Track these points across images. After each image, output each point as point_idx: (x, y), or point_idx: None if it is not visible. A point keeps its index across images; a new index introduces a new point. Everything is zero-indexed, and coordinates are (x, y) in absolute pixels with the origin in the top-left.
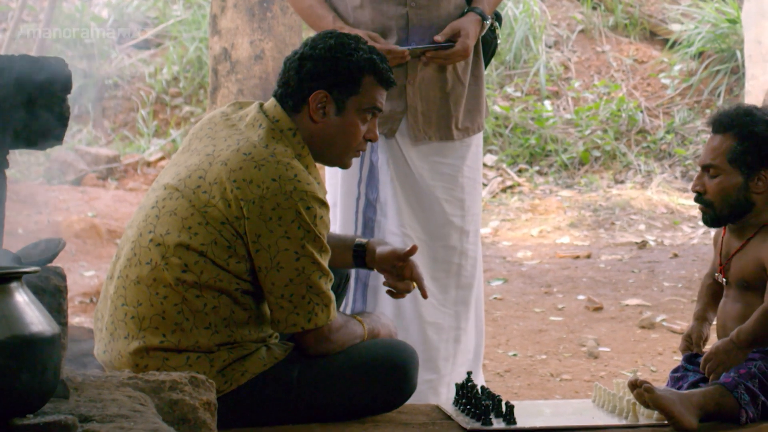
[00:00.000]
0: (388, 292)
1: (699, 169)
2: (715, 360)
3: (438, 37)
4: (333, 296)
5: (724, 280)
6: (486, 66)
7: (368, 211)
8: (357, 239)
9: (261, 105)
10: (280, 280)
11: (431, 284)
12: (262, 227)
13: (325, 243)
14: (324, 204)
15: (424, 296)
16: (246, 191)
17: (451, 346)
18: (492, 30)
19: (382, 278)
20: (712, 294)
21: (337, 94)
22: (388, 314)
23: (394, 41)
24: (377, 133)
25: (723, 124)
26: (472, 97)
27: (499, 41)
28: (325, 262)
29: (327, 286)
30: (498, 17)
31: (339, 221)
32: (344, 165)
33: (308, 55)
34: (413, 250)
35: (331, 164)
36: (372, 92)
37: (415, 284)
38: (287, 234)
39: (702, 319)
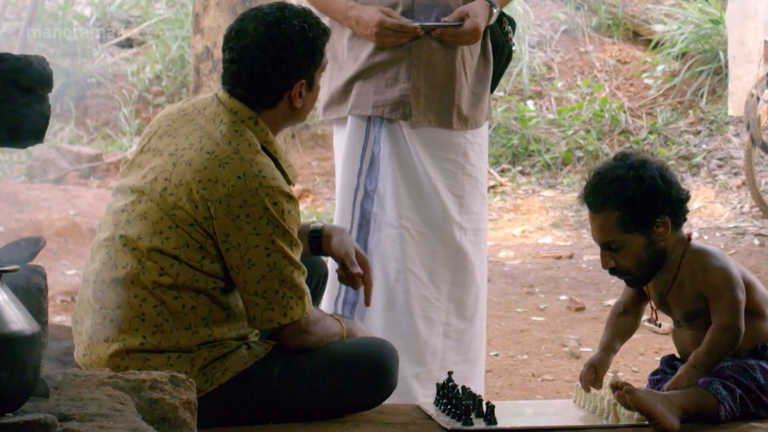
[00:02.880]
0: (341, 280)
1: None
2: (680, 388)
3: (446, 18)
4: (307, 289)
5: (659, 323)
6: (501, 73)
7: (365, 202)
8: (312, 225)
9: (216, 95)
10: (252, 278)
11: (426, 277)
12: (231, 226)
13: (295, 237)
14: (291, 198)
15: (367, 304)
16: (212, 191)
17: (440, 341)
18: (504, 33)
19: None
20: (622, 323)
21: (309, 74)
22: (378, 308)
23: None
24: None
25: (597, 202)
26: (475, 92)
27: (514, 48)
28: (296, 255)
29: (300, 279)
30: (512, 22)
31: (337, 211)
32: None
33: (280, 56)
34: (360, 276)
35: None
36: (326, 53)
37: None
38: (256, 231)
39: (609, 349)
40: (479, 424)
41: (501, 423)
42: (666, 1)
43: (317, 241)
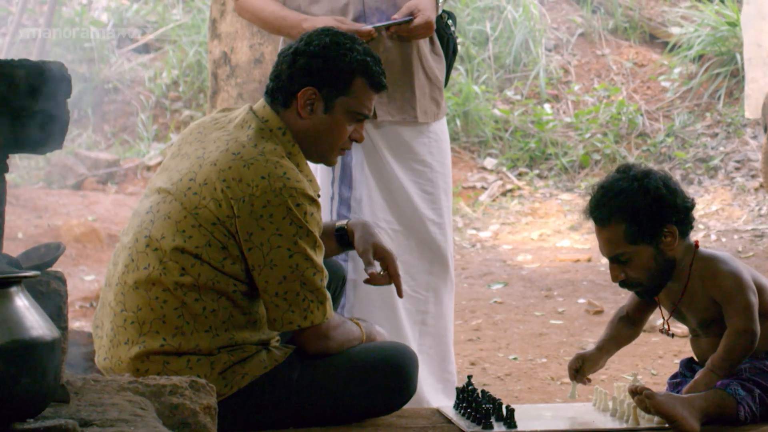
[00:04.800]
0: (366, 281)
1: (607, 261)
2: (697, 392)
3: (396, 16)
4: (328, 294)
5: (671, 333)
6: (450, 68)
7: (342, 209)
8: (337, 224)
9: (251, 107)
10: (273, 278)
11: (404, 271)
12: (254, 225)
13: (318, 239)
14: (314, 201)
15: (400, 295)
16: (235, 190)
17: (418, 328)
18: (447, 26)
19: (361, 271)
20: (622, 328)
21: (326, 92)
22: (374, 307)
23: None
24: (363, 133)
25: (603, 216)
26: (433, 85)
27: (459, 41)
28: (318, 258)
29: (322, 282)
30: (451, 16)
31: None
32: (329, 162)
33: (302, 51)
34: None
35: (316, 161)
36: (361, 95)
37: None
38: (279, 231)
39: (604, 350)
40: (499, 427)
41: (521, 426)
42: (682, 3)
43: (344, 237)
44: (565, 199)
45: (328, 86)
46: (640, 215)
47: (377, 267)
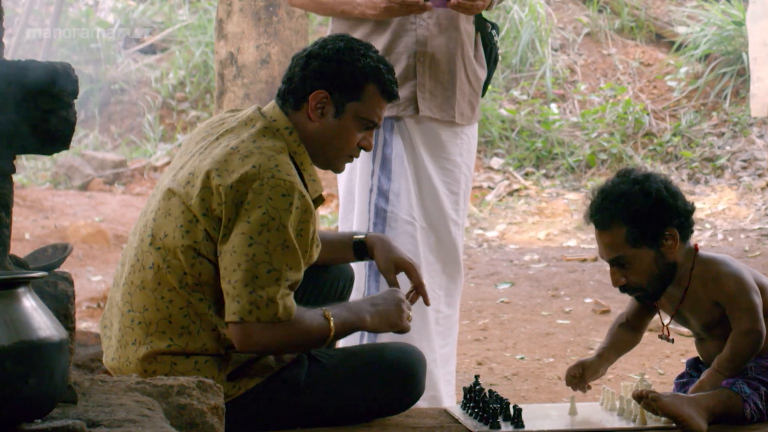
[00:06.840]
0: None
1: (608, 265)
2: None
3: None
4: (283, 294)
5: (671, 338)
6: (491, 76)
7: (380, 201)
8: (354, 236)
9: (259, 108)
10: (230, 264)
11: (424, 268)
12: (233, 211)
13: (291, 239)
14: (303, 196)
15: (426, 303)
16: (225, 178)
17: (432, 328)
18: (491, 35)
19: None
20: (622, 335)
21: (337, 96)
22: None
23: None
24: (371, 141)
25: (604, 220)
26: (473, 89)
27: (499, 51)
28: (288, 257)
29: (277, 283)
30: (495, 26)
31: (356, 212)
32: (336, 169)
33: (315, 54)
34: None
35: (324, 167)
36: (372, 102)
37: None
38: (249, 218)
39: (604, 358)
40: (506, 427)
41: (528, 426)
42: (688, 2)
43: (362, 251)
44: (571, 199)
45: (340, 90)
46: (641, 218)
47: (399, 284)
